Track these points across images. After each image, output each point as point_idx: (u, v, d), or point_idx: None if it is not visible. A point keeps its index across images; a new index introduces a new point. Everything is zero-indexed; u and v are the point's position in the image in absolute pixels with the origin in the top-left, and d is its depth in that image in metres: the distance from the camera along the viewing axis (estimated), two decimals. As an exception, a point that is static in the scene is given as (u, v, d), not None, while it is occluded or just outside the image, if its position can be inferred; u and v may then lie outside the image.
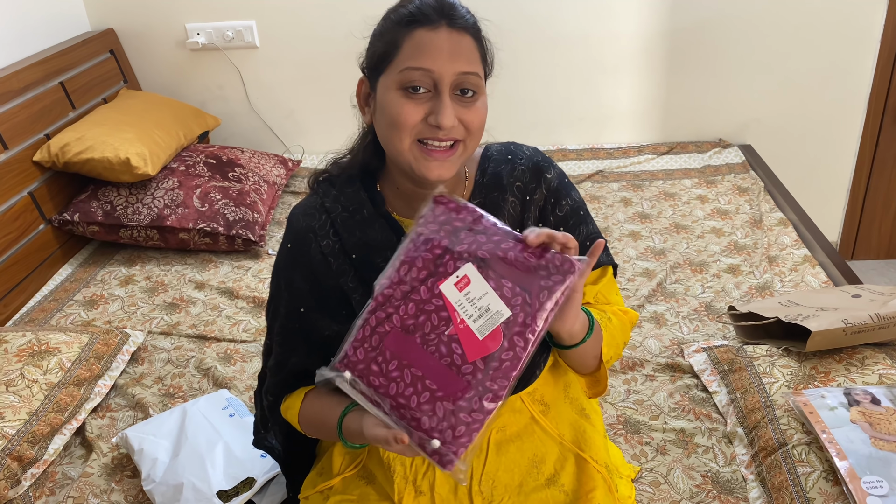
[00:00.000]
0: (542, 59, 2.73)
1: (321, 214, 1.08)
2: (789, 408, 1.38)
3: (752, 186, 2.48)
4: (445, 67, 0.93)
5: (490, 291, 0.85)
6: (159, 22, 2.73)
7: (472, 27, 0.98)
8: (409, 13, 0.96)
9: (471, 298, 0.86)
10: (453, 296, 0.86)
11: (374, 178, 1.10)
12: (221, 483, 1.32)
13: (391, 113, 0.96)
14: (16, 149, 2.13)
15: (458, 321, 0.86)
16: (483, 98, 0.99)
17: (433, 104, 0.95)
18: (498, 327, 0.84)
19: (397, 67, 0.95)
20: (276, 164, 2.59)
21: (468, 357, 0.85)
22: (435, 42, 0.94)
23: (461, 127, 0.96)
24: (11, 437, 1.42)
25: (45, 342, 1.66)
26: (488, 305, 0.85)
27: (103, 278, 2.16)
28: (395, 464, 1.08)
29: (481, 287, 0.86)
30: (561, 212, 1.09)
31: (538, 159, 1.11)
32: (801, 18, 2.61)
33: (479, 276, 0.86)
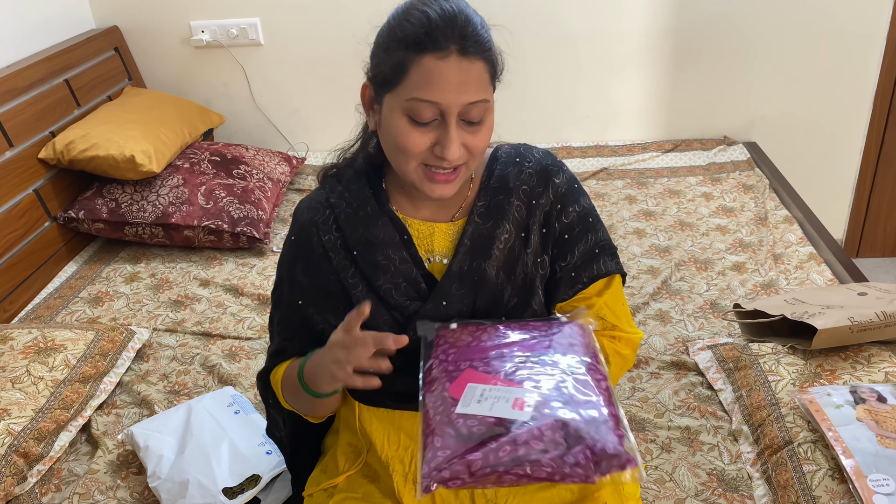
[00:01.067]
0: (547, 57, 2.72)
1: (325, 209, 1.08)
2: (795, 406, 1.38)
3: (758, 184, 2.47)
4: (453, 99, 0.91)
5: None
6: (164, 19, 2.74)
7: (485, 49, 0.93)
8: (417, 36, 0.90)
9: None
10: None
11: (379, 173, 1.10)
12: (227, 480, 1.33)
13: (397, 139, 0.95)
14: (21, 146, 2.14)
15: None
16: (490, 118, 0.97)
17: (439, 134, 0.93)
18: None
19: (404, 94, 0.92)
20: (281, 162, 2.59)
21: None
22: (444, 74, 0.90)
23: (465, 153, 0.95)
24: (18, 433, 1.43)
25: (51, 339, 1.66)
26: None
27: (108, 275, 2.17)
28: (393, 462, 1.08)
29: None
30: (567, 218, 1.07)
31: (547, 163, 1.09)
32: (808, 16, 2.60)
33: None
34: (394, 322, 1.05)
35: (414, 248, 1.05)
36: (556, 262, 1.08)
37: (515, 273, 1.05)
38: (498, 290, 1.04)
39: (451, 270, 1.04)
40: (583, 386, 0.88)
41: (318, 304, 1.08)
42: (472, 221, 1.05)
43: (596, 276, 1.08)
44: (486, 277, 1.03)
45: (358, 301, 1.04)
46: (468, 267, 1.03)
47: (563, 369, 0.90)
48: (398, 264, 1.04)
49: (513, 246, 1.05)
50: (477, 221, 1.05)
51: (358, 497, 1.11)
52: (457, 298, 1.03)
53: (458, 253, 1.04)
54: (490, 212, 1.05)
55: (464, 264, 1.04)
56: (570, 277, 1.07)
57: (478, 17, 0.95)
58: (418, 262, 1.05)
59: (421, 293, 1.04)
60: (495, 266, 1.04)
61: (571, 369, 0.90)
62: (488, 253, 1.04)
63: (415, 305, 1.04)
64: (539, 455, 0.81)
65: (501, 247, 1.04)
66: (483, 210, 1.06)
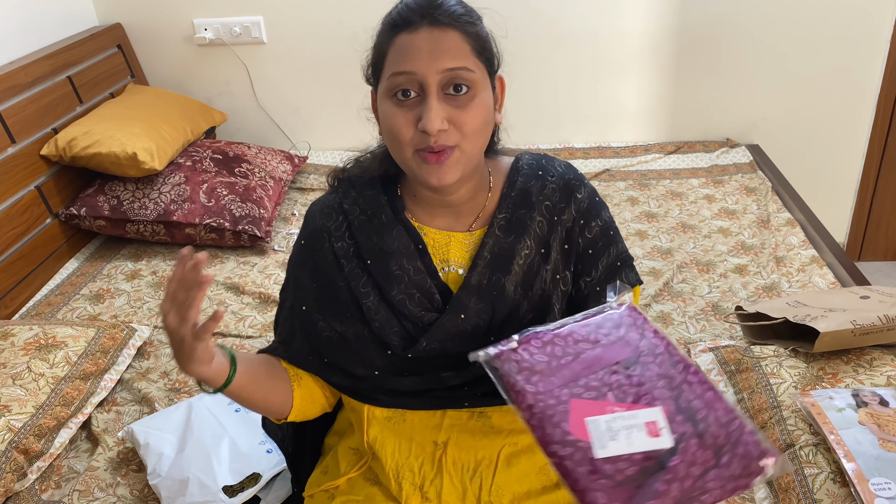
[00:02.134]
0: (549, 57, 2.72)
1: (338, 215, 1.06)
2: (797, 408, 1.37)
3: (760, 186, 2.47)
4: (427, 67, 0.90)
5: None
6: (167, 17, 2.74)
7: (458, 20, 0.93)
8: (392, 20, 0.94)
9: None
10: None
11: (395, 181, 1.08)
12: (227, 478, 1.32)
13: (388, 124, 0.94)
14: (23, 143, 2.14)
15: None
16: (482, 95, 0.94)
17: (421, 108, 0.91)
18: None
19: (385, 75, 0.94)
20: (283, 161, 2.59)
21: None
22: (415, 43, 0.91)
23: (454, 130, 0.92)
24: (18, 430, 1.43)
25: (52, 336, 1.66)
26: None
27: (109, 273, 2.17)
28: (403, 470, 1.07)
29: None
30: (590, 234, 1.06)
31: (570, 177, 1.07)
32: (811, 17, 2.60)
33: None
34: (406, 333, 1.03)
35: (429, 257, 1.03)
36: (580, 277, 1.06)
37: (533, 289, 1.03)
38: (515, 305, 1.02)
39: (470, 283, 1.01)
40: (687, 385, 0.86)
41: (323, 310, 1.06)
42: (492, 234, 1.03)
43: (619, 290, 1.07)
44: (505, 293, 1.01)
45: (369, 311, 1.02)
46: (487, 281, 1.01)
47: (658, 372, 0.88)
48: (412, 274, 1.02)
49: (532, 262, 1.03)
50: (498, 234, 1.03)
51: (360, 499, 1.10)
52: (475, 312, 1.01)
53: (478, 265, 1.02)
54: (511, 226, 1.03)
55: (483, 278, 1.01)
56: (595, 292, 1.06)
57: (451, 1, 0.95)
58: (433, 273, 1.03)
59: (435, 304, 1.02)
60: (514, 281, 1.02)
61: (663, 367, 0.88)
62: (508, 268, 1.02)
63: (430, 317, 1.02)
64: (702, 482, 0.79)
65: (521, 262, 1.02)
66: (504, 223, 1.03)
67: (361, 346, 1.04)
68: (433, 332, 1.01)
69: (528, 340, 0.93)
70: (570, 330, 0.94)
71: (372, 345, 1.04)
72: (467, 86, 0.92)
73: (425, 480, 1.07)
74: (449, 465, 1.06)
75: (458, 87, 0.92)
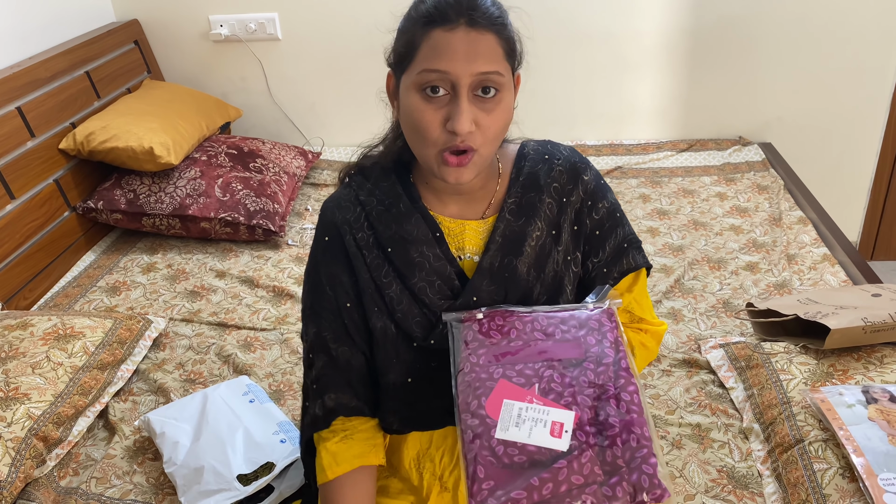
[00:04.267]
0: (563, 55, 2.73)
1: (355, 207, 1.07)
2: (806, 404, 1.38)
3: (772, 184, 2.47)
4: (462, 69, 0.90)
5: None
6: (183, 13, 2.76)
7: (495, 23, 0.93)
8: (427, 12, 0.93)
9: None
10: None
11: (408, 170, 1.09)
12: (241, 467, 1.34)
13: (413, 118, 0.94)
14: (42, 136, 2.17)
15: None
16: (507, 98, 0.95)
17: (451, 108, 0.92)
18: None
19: (416, 69, 0.93)
20: (297, 156, 2.61)
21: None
22: (452, 43, 0.90)
23: (478, 132, 0.93)
24: (38, 417, 1.45)
25: (70, 326, 1.69)
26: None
27: (126, 265, 2.20)
28: (424, 461, 1.09)
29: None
30: (597, 214, 1.07)
31: (575, 160, 1.09)
32: (825, 17, 2.59)
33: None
34: (426, 321, 1.04)
35: (446, 245, 1.04)
36: (588, 258, 1.08)
37: (545, 271, 1.04)
38: (528, 287, 1.04)
39: (482, 267, 1.03)
40: (615, 401, 0.89)
41: (364, 302, 1.06)
42: (503, 218, 1.04)
43: (626, 271, 1.09)
44: (517, 274, 1.03)
45: (391, 301, 1.03)
46: (499, 263, 1.03)
47: (592, 380, 0.90)
48: (432, 261, 1.03)
49: (544, 243, 1.05)
50: (508, 218, 1.04)
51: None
52: (487, 294, 1.02)
53: (490, 249, 1.03)
54: (521, 209, 1.05)
55: (494, 261, 1.03)
56: (602, 273, 1.08)
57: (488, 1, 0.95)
58: (451, 260, 1.04)
59: (454, 290, 1.04)
60: (526, 263, 1.03)
61: (600, 378, 0.91)
62: (520, 250, 1.03)
63: (447, 304, 1.03)
64: (579, 491, 0.83)
65: (533, 244, 1.04)
66: (514, 207, 1.05)
67: (390, 342, 1.05)
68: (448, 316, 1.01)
69: (494, 316, 0.97)
70: (535, 318, 0.97)
71: (398, 338, 1.05)
72: (496, 88, 0.93)
73: (445, 471, 1.08)
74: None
75: (486, 90, 0.92)
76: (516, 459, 0.86)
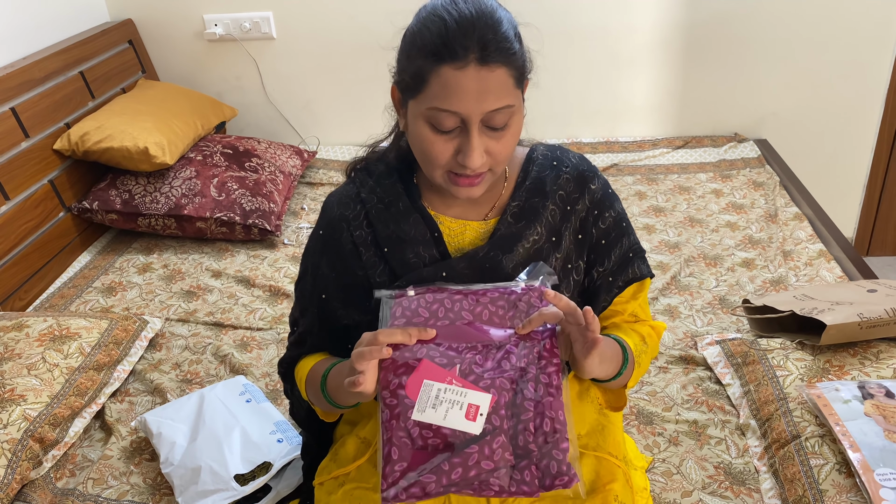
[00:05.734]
0: (558, 52, 2.72)
1: (356, 204, 1.07)
2: (803, 400, 1.38)
3: (768, 181, 2.47)
4: (473, 108, 0.89)
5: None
6: (177, 13, 2.76)
7: (505, 54, 0.90)
8: (434, 46, 0.89)
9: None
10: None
11: (411, 169, 1.09)
12: (238, 467, 1.34)
13: (423, 147, 0.94)
14: (37, 137, 2.16)
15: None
16: (516, 121, 0.95)
17: (461, 142, 0.92)
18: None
19: (424, 103, 0.92)
20: (292, 155, 2.61)
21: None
22: (462, 83, 0.88)
23: (489, 158, 0.94)
24: (34, 419, 1.45)
25: (66, 327, 1.68)
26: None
27: (121, 266, 2.19)
28: None
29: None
30: (604, 224, 1.07)
31: (583, 168, 1.08)
32: (819, 12, 2.59)
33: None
34: None
35: (444, 245, 1.05)
36: (593, 267, 1.07)
37: None
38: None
39: (468, 254, 1.04)
40: (534, 384, 0.89)
41: (342, 298, 1.08)
42: (504, 221, 1.04)
43: (631, 280, 1.09)
44: (500, 268, 1.02)
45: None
46: (484, 253, 1.03)
47: (513, 364, 0.90)
48: (428, 262, 1.03)
49: (540, 248, 1.04)
50: (509, 221, 1.05)
51: (369, 487, 1.12)
52: (459, 275, 1.01)
53: (485, 245, 1.04)
54: (523, 213, 1.05)
55: (481, 251, 1.04)
56: (607, 282, 1.08)
57: (501, 15, 0.92)
58: (447, 259, 1.04)
59: None
60: (513, 261, 1.03)
61: (521, 361, 0.90)
62: (510, 248, 1.03)
63: None
64: (488, 475, 0.85)
65: (528, 246, 1.04)
66: (516, 210, 1.05)
67: None
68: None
69: (426, 292, 0.96)
70: (465, 297, 0.96)
71: None
72: (506, 123, 0.94)
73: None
74: None
75: (496, 122, 0.93)
76: (430, 442, 0.87)
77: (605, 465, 1.11)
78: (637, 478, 1.21)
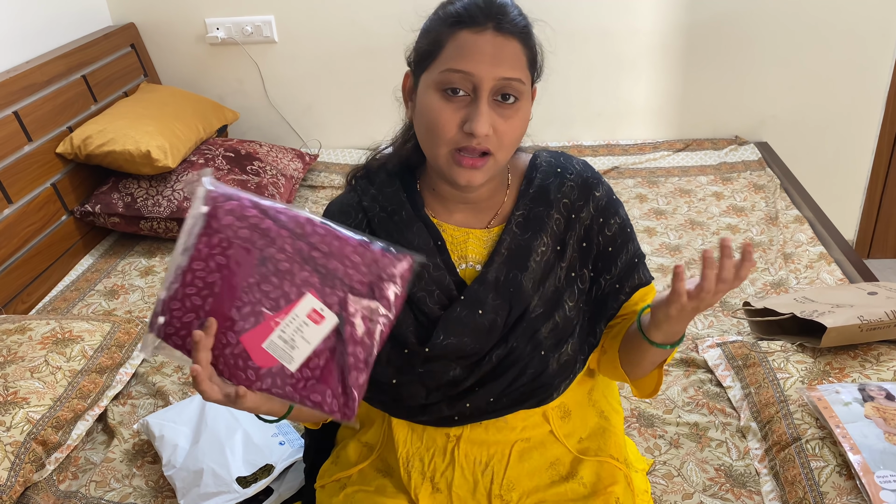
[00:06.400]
0: (558, 55, 2.69)
1: (357, 213, 1.06)
2: (803, 403, 1.39)
3: (769, 184, 2.47)
4: (486, 72, 0.90)
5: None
6: (179, 17, 2.77)
7: (521, 31, 0.94)
8: (456, 13, 0.93)
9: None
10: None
11: (414, 176, 1.08)
12: (240, 469, 1.35)
13: (430, 117, 0.94)
14: (39, 141, 2.17)
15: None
16: (525, 107, 0.96)
17: (470, 110, 0.92)
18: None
19: (438, 67, 0.93)
20: (294, 158, 2.61)
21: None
22: (478, 45, 0.91)
23: (494, 137, 0.93)
24: (36, 421, 1.45)
25: (69, 330, 1.69)
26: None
27: (124, 269, 2.20)
28: (413, 459, 1.09)
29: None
30: (609, 231, 1.07)
31: (588, 175, 1.08)
32: (820, 15, 2.60)
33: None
34: (419, 327, 1.03)
35: (447, 253, 1.04)
36: (601, 275, 1.07)
37: (545, 285, 1.04)
38: (530, 301, 1.03)
39: (487, 279, 1.02)
40: (312, 251, 0.83)
41: None
42: (509, 231, 1.04)
43: (637, 286, 1.08)
44: (523, 289, 1.02)
45: None
46: (505, 277, 1.02)
47: (288, 256, 0.83)
48: (431, 271, 1.02)
49: (548, 258, 1.04)
50: (515, 231, 1.04)
51: (371, 490, 1.12)
52: (492, 308, 1.01)
53: (495, 262, 1.02)
54: (528, 222, 1.04)
55: (500, 274, 1.02)
56: (614, 289, 1.07)
57: (518, 8, 0.97)
58: (451, 269, 1.03)
59: (453, 300, 1.03)
60: (531, 279, 1.03)
61: (286, 248, 0.83)
62: (525, 265, 1.02)
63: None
64: (374, 323, 0.84)
65: (538, 259, 1.03)
66: (521, 220, 1.04)
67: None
68: (450, 326, 1.01)
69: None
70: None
71: (388, 343, 1.03)
72: (515, 96, 0.94)
73: (436, 471, 1.08)
74: (461, 458, 1.08)
75: (506, 96, 0.93)
76: (323, 364, 0.83)
77: (606, 468, 1.11)
78: (638, 480, 1.22)
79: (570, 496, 1.08)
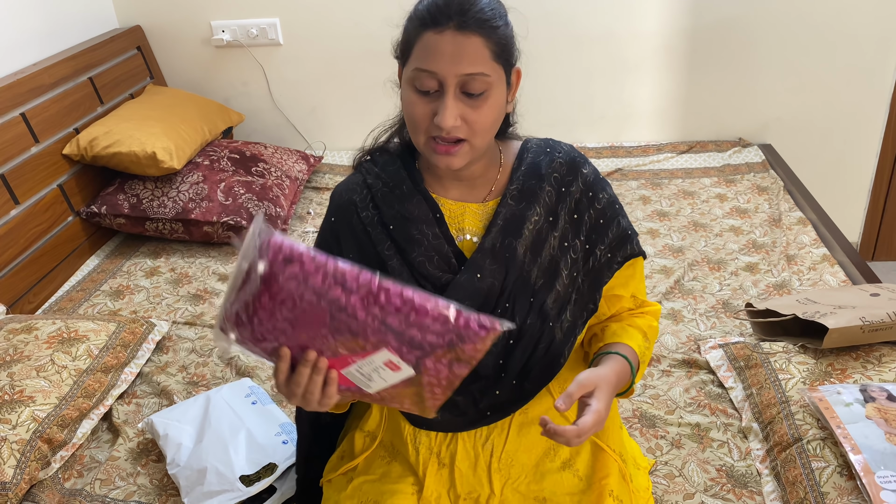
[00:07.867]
0: (563, 57, 2.74)
1: (362, 189, 1.13)
2: (805, 403, 1.39)
3: (772, 186, 2.47)
4: (448, 70, 0.96)
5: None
6: (185, 19, 2.78)
7: (483, 26, 0.97)
8: (420, 15, 0.99)
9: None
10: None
11: (413, 156, 1.15)
12: (244, 468, 1.36)
13: (407, 110, 1.01)
14: (46, 142, 2.19)
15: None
16: (495, 95, 1.00)
17: (438, 104, 0.98)
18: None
19: (411, 66, 1.00)
20: (299, 160, 2.63)
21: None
22: (439, 45, 0.96)
23: (465, 126, 0.99)
24: (42, 420, 1.47)
25: (74, 330, 1.70)
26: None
27: (129, 269, 2.21)
28: (420, 435, 1.13)
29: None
30: (599, 205, 1.12)
31: (575, 155, 1.15)
32: (824, 17, 2.60)
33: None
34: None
35: (446, 226, 1.10)
36: (596, 246, 1.12)
37: (542, 255, 1.08)
38: (525, 269, 1.08)
39: (485, 247, 1.08)
40: (387, 317, 0.82)
41: None
42: (505, 203, 1.10)
43: (629, 256, 1.13)
44: (516, 255, 1.07)
45: (394, 271, 1.07)
46: (500, 244, 1.08)
47: (362, 320, 0.83)
48: (431, 239, 1.08)
49: (541, 228, 1.09)
50: (510, 203, 1.10)
51: (375, 479, 1.15)
52: (489, 273, 1.07)
53: (492, 231, 1.08)
54: (522, 195, 1.10)
55: (496, 241, 1.08)
56: (607, 259, 1.12)
57: (480, 3, 0.98)
58: (449, 239, 1.09)
59: (452, 267, 1.08)
60: (524, 245, 1.08)
61: (358, 316, 0.82)
62: (519, 232, 1.08)
63: (447, 278, 1.07)
64: (452, 373, 0.87)
65: (531, 227, 1.09)
66: (516, 193, 1.10)
67: None
68: (452, 291, 1.06)
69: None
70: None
71: None
72: (482, 88, 0.98)
73: (442, 446, 1.12)
74: (463, 431, 1.12)
75: (472, 89, 0.98)
76: (400, 388, 0.90)
77: (601, 459, 1.13)
78: (639, 477, 1.23)
79: (566, 489, 1.10)
